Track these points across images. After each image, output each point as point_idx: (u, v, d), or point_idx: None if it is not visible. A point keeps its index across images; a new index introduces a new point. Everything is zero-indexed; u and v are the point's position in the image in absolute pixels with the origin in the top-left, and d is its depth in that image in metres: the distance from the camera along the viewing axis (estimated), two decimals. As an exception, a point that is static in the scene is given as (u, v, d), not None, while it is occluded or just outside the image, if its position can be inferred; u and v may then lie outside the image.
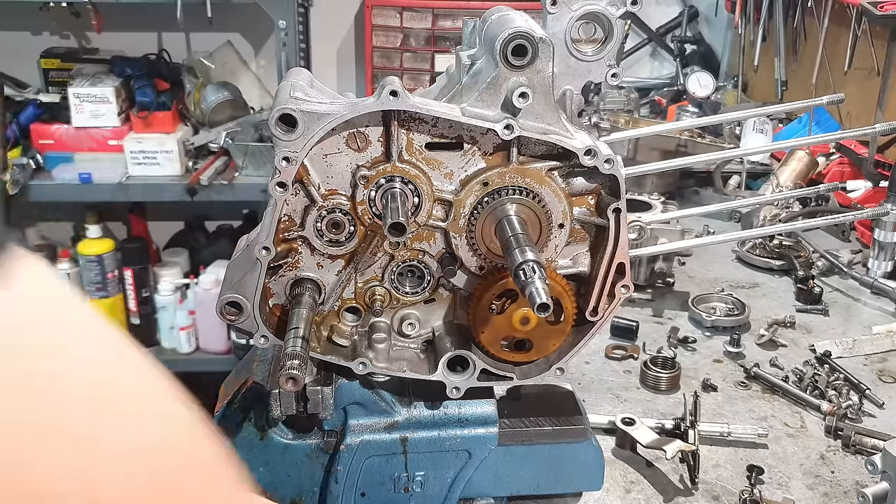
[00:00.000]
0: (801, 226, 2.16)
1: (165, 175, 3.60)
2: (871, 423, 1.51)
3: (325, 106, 0.98)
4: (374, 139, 1.01)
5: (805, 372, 1.66)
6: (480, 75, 0.99)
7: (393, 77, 0.98)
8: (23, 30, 4.10)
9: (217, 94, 3.76)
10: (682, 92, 3.60)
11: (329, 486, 1.11)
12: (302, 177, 1.01)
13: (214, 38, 4.01)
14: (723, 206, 2.04)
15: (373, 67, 3.83)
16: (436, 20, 3.77)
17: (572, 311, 1.08)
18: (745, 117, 2.84)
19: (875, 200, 2.20)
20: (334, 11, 4.19)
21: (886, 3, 2.51)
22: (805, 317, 1.93)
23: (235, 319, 1.05)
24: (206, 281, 3.71)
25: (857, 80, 2.91)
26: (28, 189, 3.53)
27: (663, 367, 1.63)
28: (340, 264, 1.08)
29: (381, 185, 1.02)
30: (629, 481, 1.35)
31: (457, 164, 1.04)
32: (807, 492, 1.33)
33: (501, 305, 1.08)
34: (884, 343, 1.79)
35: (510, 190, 1.03)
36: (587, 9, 1.05)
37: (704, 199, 2.61)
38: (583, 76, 1.08)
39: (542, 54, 0.95)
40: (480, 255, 1.07)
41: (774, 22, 3.39)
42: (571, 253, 1.10)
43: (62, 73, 3.81)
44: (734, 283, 2.11)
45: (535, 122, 0.99)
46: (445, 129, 1.02)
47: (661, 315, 1.92)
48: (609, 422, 1.45)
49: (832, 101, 1.86)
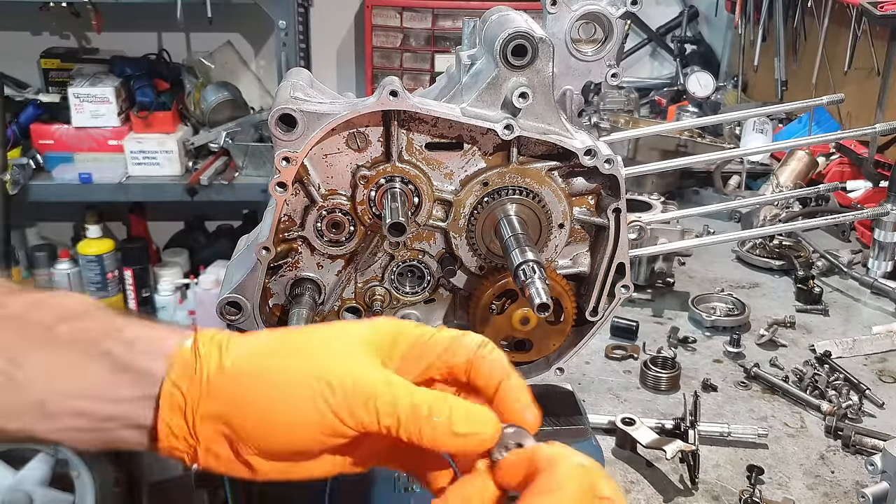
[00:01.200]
0: (801, 226, 2.16)
1: (165, 175, 3.60)
2: (871, 423, 1.51)
3: (325, 106, 0.98)
4: (374, 139, 1.02)
5: (805, 372, 1.66)
6: (480, 75, 0.99)
7: (393, 77, 0.98)
8: (23, 30, 4.10)
9: (217, 94, 3.76)
10: (682, 92, 3.60)
11: (329, 486, 1.11)
12: (302, 177, 1.01)
13: (214, 38, 4.01)
14: (723, 206, 2.04)
15: (373, 67, 3.83)
16: (436, 20, 3.77)
17: (572, 311, 1.08)
18: (745, 117, 2.84)
19: (875, 200, 2.20)
20: (334, 11, 4.20)
21: (886, 3, 2.51)
22: (805, 317, 1.93)
23: (235, 319, 1.05)
24: (206, 281, 3.71)
25: (857, 80, 2.91)
26: (28, 189, 3.54)
27: (663, 367, 1.63)
28: (340, 264, 1.08)
29: (381, 185, 1.02)
30: (629, 481, 1.35)
31: (457, 164, 1.04)
32: (807, 492, 1.33)
33: (501, 305, 1.08)
34: (884, 343, 1.79)
35: (510, 190, 1.03)
36: (587, 9, 1.05)
37: (704, 199, 2.61)
38: (583, 76, 1.08)
39: (542, 54, 0.95)
40: (480, 255, 1.07)
41: (774, 22, 3.39)
42: (571, 253, 1.10)
43: (62, 73, 3.81)
44: (734, 283, 2.10)
45: (535, 122, 0.99)
46: (445, 129, 1.02)
47: (661, 315, 1.92)
48: (609, 422, 1.45)
49: (832, 101, 1.86)
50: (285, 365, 0.70)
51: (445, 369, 0.72)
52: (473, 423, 0.67)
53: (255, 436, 0.69)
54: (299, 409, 0.68)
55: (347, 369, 0.68)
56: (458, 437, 0.67)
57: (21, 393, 0.70)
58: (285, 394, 0.68)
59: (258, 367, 0.70)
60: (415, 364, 0.72)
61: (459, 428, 0.67)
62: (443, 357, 0.72)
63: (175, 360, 0.70)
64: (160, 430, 0.70)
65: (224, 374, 0.70)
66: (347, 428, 0.67)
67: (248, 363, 0.70)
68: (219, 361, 0.70)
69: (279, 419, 0.68)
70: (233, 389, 0.69)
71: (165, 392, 0.69)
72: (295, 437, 0.69)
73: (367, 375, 0.68)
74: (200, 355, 0.70)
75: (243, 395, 0.69)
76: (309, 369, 0.68)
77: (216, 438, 0.70)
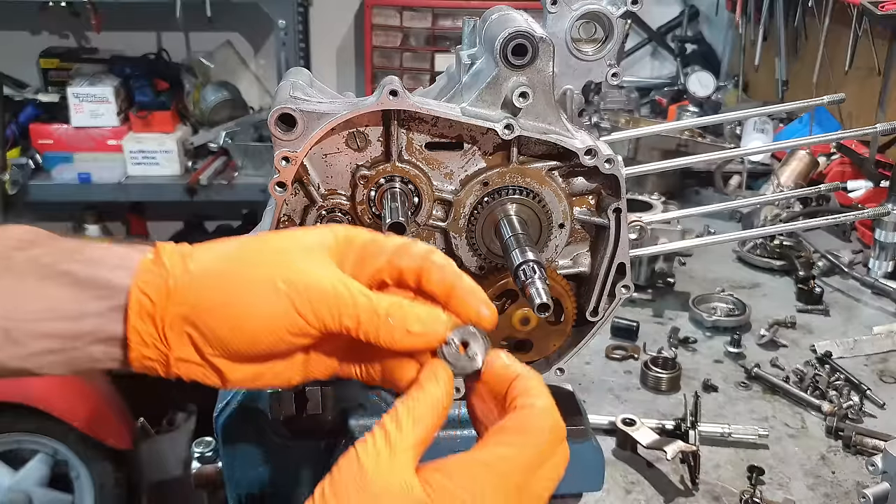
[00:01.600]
0: (802, 226, 2.16)
1: (165, 175, 3.60)
2: (871, 424, 1.51)
3: (324, 105, 0.97)
4: (374, 139, 1.01)
5: (806, 372, 1.66)
6: (480, 75, 0.99)
7: (393, 77, 0.98)
8: (22, 30, 4.10)
9: (216, 94, 3.76)
10: (682, 92, 3.60)
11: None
12: (301, 177, 1.01)
13: (214, 37, 4.01)
14: (723, 206, 2.03)
15: (373, 67, 3.83)
16: (436, 20, 3.77)
17: (572, 311, 1.08)
18: (745, 117, 2.84)
19: (876, 200, 2.19)
20: (334, 11, 4.19)
21: (887, 2, 2.50)
22: (806, 317, 1.92)
23: (235, 320, 1.04)
24: (205, 281, 3.70)
25: (857, 79, 2.91)
26: (27, 189, 3.53)
27: (664, 367, 1.63)
28: (340, 264, 1.08)
29: (380, 184, 1.02)
30: (629, 482, 1.35)
31: (457, 164, 1.03)
32: (807, 492, 1.33)
33: (501, 305, 1.08)
34: (884, 343, 1.79)
35: (510, 190, 1.03)
36: (587, 8, 1.04)
37: (705, 199, 2.61)
38: (583, 76, 1.08)
39: (542, 54, 0.95)
40: (480, 255, 1.07)
41: (775, 21, 3.39)
42: (571, 253, 1.10)
43: (61, 73, 3.81)
44: (735, 283, 2.10)
45: (536, 122, 0.98)
46: (445, 129, 1.02)
47: (662, 315, 1.92)
48: (609, 422, 1.45)
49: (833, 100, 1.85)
50: (250, 267, 0.73)
51: (396, 273, 0.75)
52: (426, 323, 0.72)
53: (222, 336, 0.71)
54: (265, 308, 0.70)
55: (310, 272, 0.71)
56: (412, 336, 0.71)
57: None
58: (252, 294, 0.71)
59: (223, 269, 0.73)
60: (366, 266, 0.75)
61: (413, 328, 0.71)
62: (392, 261, 0.75)
63: (140, 269, 0.72)
64: (130, 338, 0.71)
65: (190, 277, 0.71)
66: (311, 327, 0.70)
67: (212, 265, 0.73)
68: (183, 266, 0.72)
69: (245, 319, 0.71)
70: (199, 293, 0.71)
71: (133, 300, 0.70)
72: (259, 336, 0.71)
73: (327, 278, 0.71)
74: (165, 263, 0.72)
75: (210, 296, 0.71)
76: (273, 271, 0.71)
77: (184, 343, 0.72)
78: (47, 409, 3.16)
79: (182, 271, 0.71)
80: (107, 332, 0.72)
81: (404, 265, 0.75)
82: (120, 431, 3.39)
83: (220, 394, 1.19)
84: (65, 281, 0.73)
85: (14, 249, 0.74)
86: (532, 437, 0.69)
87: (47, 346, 0.73)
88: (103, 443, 3.29)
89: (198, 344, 0.72)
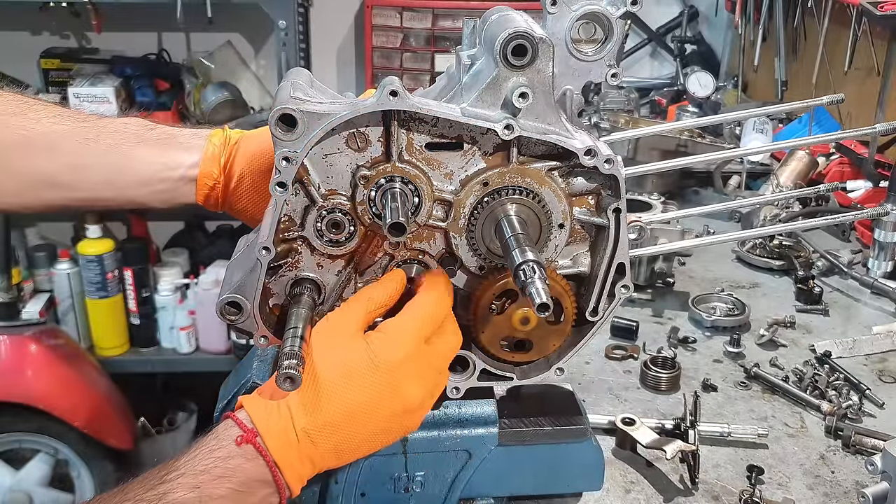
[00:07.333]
0: (802, 226, 2.16)
1: (165, 175, 3.59)
2: (871, 424, 1.51)
3: (325, 106, 0.98)
4: (374, 139, 1.01)
5: (805, 372, 1.66)
6: (480, 75, 0.99)
7: (393, 77, 0.98)
8: (23, 30, 4.10)
9: (217, 94, 3.76)
10: (682, 92, 3.60)
11: (329, 487, 1.11)
12: (302, 177, 1.01)
13: (214, 38, 4.01)
14: (723, 206, 2.04)
15: (373, 67, 3.83)
16: (436, 20, 3.77)
17: (572, 311, 1.08)
18: (745, 117, 2.84)
19: (875, 200, 2.20)
20: (334, 12, 4.20)
21: (886, 2, 2.51)
22: (805, 317, 1.93)
23: (235, 319, 1.05)
24: (206, 281, 3.71)
25: (857, 80, 2.91)
26: (28, 189, 3.52)
27: (663, 367, 1.63)
28: (340, 264, 1.08)
29: (381, 185, 1.02)
30: (629, 481, 1.35)
31: (457, 164, 1.04)
32: (807, 492, 1.33)
33: (501, 305, 1.08)
34: (884, 343, 1.79)
35: (510, 190, 1.03)
36: (587, 9, 1.04)
37: (704, 199, 2.62)
38: (583, 76, 1.08)
39: (542, 54, 0.95)
40: (480, 255, 1.07)
41: (774, 22, 3.39)
42: (571, 253, 1.10)
43: (62, 73, 3.81)
44: (734, 283, 2.11)
45: (535, 122, 0.99)
46: (445, 129, 1.02)
47: (661, 315, 1.92)
48: (609, 422, 1.45)
49: (832, 101, 1.86)
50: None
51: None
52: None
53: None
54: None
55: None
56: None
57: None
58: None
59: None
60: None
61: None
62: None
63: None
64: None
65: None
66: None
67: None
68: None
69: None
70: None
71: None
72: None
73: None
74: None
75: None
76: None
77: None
78: (48, 409, 3.17)
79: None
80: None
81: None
82: (120, 431, 3.39)
83: (220, 393, 1.20)
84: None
85: (145, 128, 1.24)
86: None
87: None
88: (104, 442, 3.30)
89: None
